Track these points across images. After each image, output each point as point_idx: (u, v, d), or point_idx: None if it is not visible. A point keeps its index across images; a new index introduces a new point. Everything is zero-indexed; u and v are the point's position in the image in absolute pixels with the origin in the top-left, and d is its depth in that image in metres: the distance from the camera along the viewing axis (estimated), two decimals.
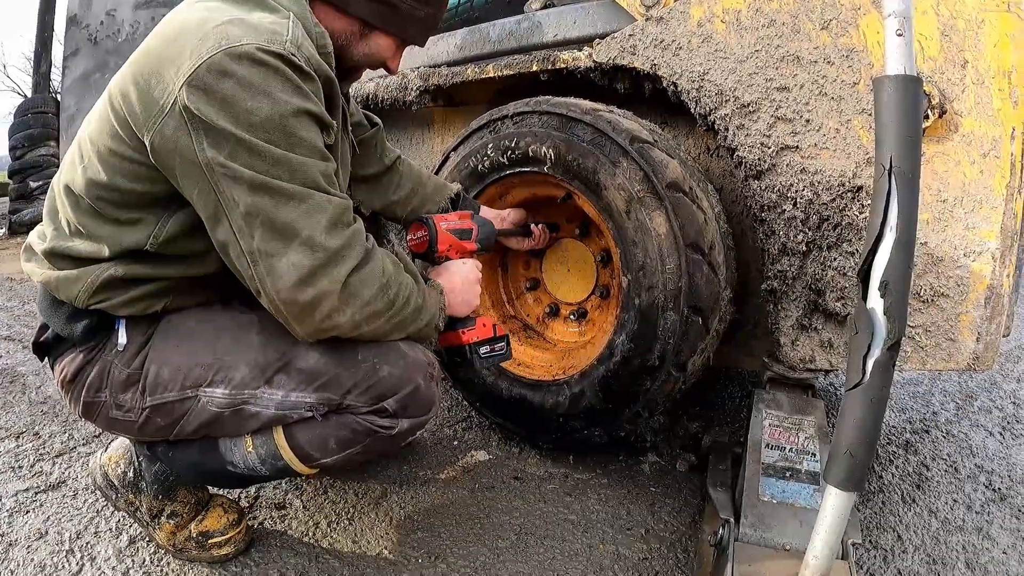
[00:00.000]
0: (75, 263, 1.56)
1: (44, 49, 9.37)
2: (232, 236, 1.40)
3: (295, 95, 1.38)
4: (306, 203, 1.39)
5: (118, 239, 1.51)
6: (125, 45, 4.53)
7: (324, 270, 1.41)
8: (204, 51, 1.32)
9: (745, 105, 1.97)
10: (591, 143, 2.08)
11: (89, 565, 1.81)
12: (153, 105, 1.36)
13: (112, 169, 1.46)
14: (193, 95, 1.31)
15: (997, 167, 1.70)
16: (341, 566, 1.83)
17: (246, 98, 1.32)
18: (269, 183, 1.35)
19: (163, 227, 1.51)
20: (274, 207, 1.37)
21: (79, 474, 2.27)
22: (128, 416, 1.63)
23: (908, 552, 2.01)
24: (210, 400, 1.60)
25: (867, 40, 1.81)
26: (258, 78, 1.33)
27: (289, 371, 1.60)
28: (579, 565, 1.87)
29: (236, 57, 1.32)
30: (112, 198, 1.49)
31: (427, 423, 1.74)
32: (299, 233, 1.38)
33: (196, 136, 1.33)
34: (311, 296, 1.42)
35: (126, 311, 1.58)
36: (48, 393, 3.01)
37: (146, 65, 1.40)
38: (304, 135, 1.40)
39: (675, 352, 2.03)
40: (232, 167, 1.34)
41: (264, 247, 1.39)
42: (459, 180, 2.43)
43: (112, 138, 1.45)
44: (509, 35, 2.57)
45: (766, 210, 1.98)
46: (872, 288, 1.20)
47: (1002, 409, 3.22)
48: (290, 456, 1.66)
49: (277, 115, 1.35)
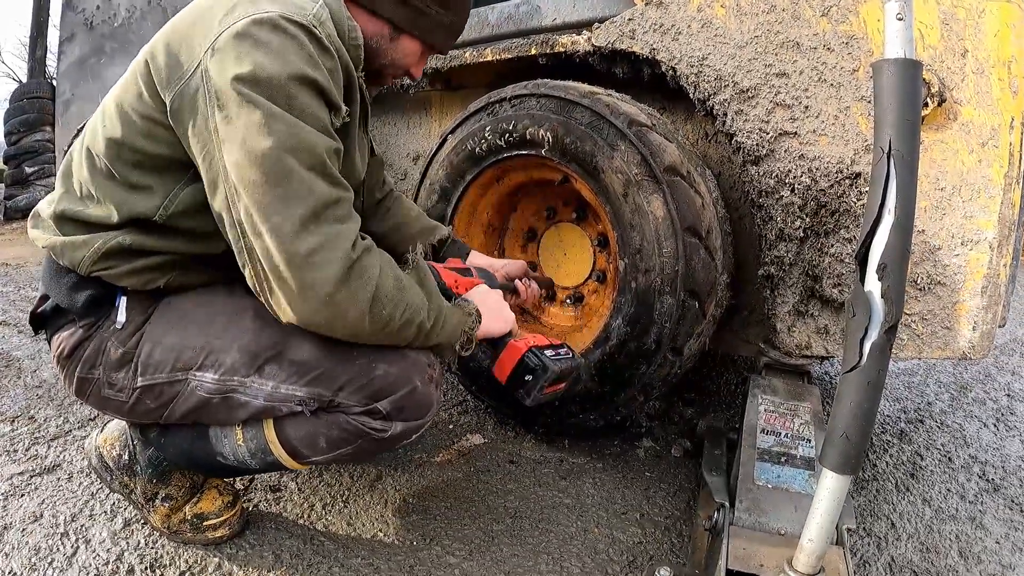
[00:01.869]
0: (83, 228, 1.55)
1: (40, 34, 9.35)
2: (226, 205, 1.38)
3: (306, 63, 1.37)
4: (287, 184, 1.33)
5: (129, 204, 1.50)
6: (121, 30, 4.50)
7: (290, 273, 1.34)
8: (232, 20, 1.36)
9: (744, 91, 1.97)
10: (589, 126, 2.07)
11: (84, 548, 1.80)
12: (178, 67, 1.38)
13: (130, 127, 1.46)
14: (214, 57, 1.34)
15: (996, 156, 1.70)
16: (336, 548, 1.83)
17: (258, 55, 1.33)
18: (256, 149, 1.31)
19: (174, 199, 1.50)
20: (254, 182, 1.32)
21: (74, 457, 2.26)
22: (119, 396, 1.61)
23: (901, 540, 2.02)
24: (199, 384, 1.57)
25: (867, 27, 1.81)
26: (275, 41, 1.35)
27: (281, 361, 1.55)
28: (574, 549, 1.87)
29: (259, 23, 1.35)
30: (127, 158, 1.48)
31: (423, 427, 1.68)
32: (269, 217, 1.33)
33: (209, 98, 1.34)
34: (281, 293, 1.38)
35: (128, 281, 1.56)
36: (43, 377, 3.00)
37: (178, 32, 1.43)
38: (306, 102, 1.37)
39: (671, 336, 2.03)
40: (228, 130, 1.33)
41: (247, 222, 1.35)
42: (456, 163, 2.42)
43: (136, 98, 1.45)
44: (508, 19, 2.56)
45: (764, 196, 1.97)
46: (870, 271, 1.20)
47: (996, 401, 3.23)
48: (280, 452, 1.63)
49: (284, 75, 1.33)
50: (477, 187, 2.47)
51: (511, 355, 1.74)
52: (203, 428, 1.69)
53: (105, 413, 1.71)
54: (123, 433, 1.81)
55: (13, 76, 17.97)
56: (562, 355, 1.77)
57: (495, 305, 1.78)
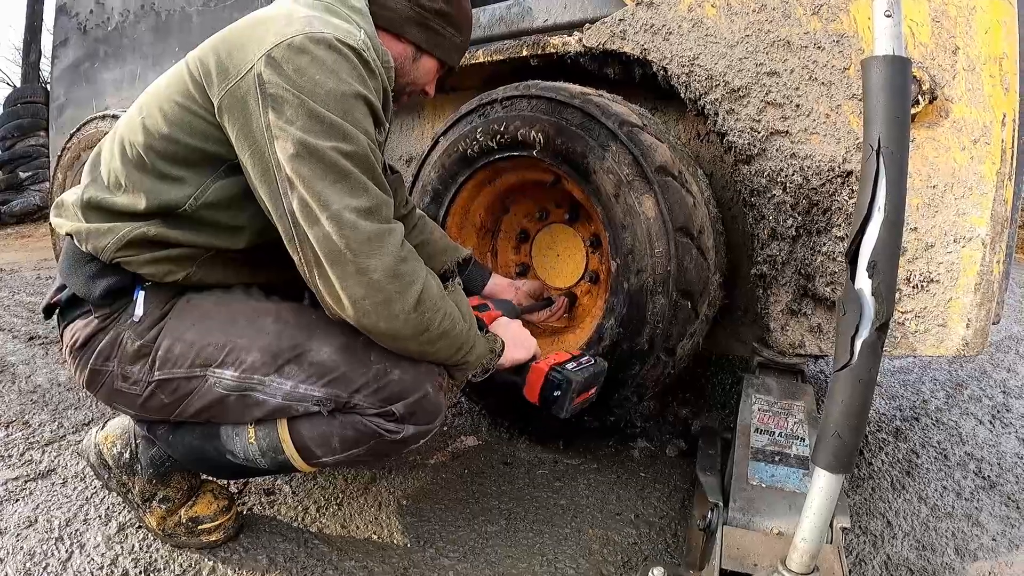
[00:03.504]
0: (109, 216, 1.59)
1: (33, 38, 9.34)
2: (277, 196, 1.45)
3: (359, 82, 1.48)
4: (346, 180, 1.42)
5: (159, 194, 1.55)
6: (115, 34, 4.48)
7: (349, 256, 1.41)
8: (288, 33, 1.44)
9: (735, 90, 1.97)
10: (580, 127, 2.07)
11: (78, 552, 1.80)
12: (230, 70, 1.45)
13: (171, 120, 1.53)
14: (269, 64, 1.41)
15: (987, 153, 1.70)
16: (330, 551, 1.83)
17: (315, 72, 1.42)
18: (318, 148, 1.40)
19: (205, 190, 1.56)
20: (313, 174, 1.40)
21: (68, 462, 2.26)
22: (133, 389, 1.63)
23: (897, 538, 2.02)
24: (218, 381, 1.59)
25: (857, 25, 1.81)
26: (330, 59, 1.44)
27: (301, 362, 1.59)
28: (568, 550, 1.87)
29: (315, 40, 1.44)
30: (163, 149, 1.54)
31: (432, 431, 1.71)
32: (330, 206, 1.40)
33: (263, 100, 1.41)
34: (335, 278, 1.44)
35: (148, 270, 1.59)
36: (38, 382, 2.99)
37: (229, 40, 1.50)
38: (359, 117, 1.47)
39: (664, 337, 2.03)
40: (287, 129, 1.40)
41: (300, 212, 1.42)
42: (448, 165, 2.42)
43: (181, 94, 1.53)
44: (499, 20, 2.56)
45: (756, 195, 1.97)
46: (860, 268, 1.20)
47: (992, 398, 3.23)
48: (291, 451, 1.65)
49: (340, 92, 1.43)
50: (469, 189, 2.47)
51: (536, 377, 1.83)
52: (215, 426, 1.70)
53: (115, 407, 1.72)
54: (125, 431, 1.81)
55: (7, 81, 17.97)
56: (584, 364, 1.86)
57: (517, 335, 1.86)
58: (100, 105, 4.57)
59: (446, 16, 1.77)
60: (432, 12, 1.75)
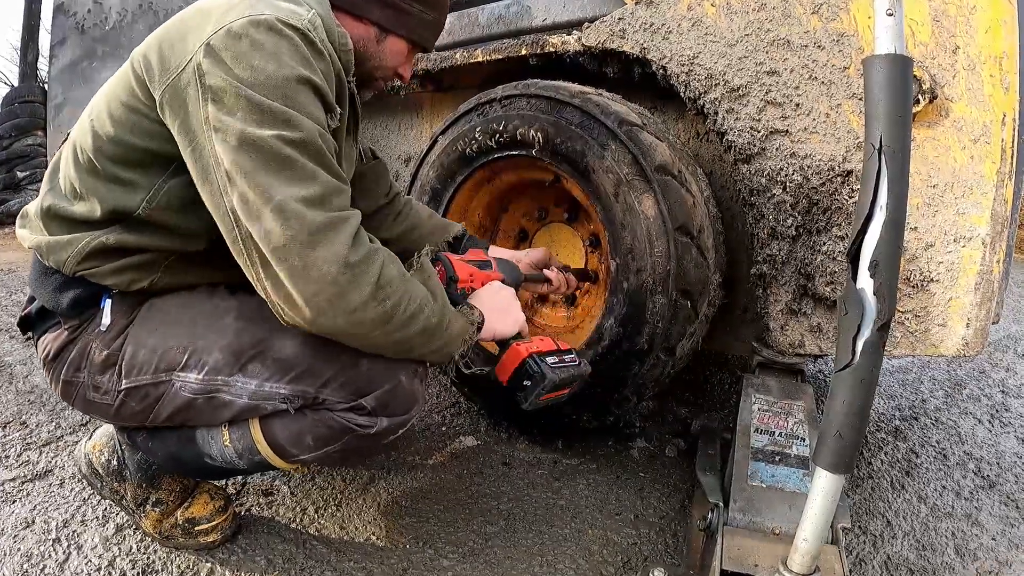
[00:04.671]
0: (68, 226, 1.55)
1: (31, 38, 9.31)
2: (218, 194, 1.36)
3: (302, 64, 1.38)
4: (290, 169, 1.33)
5: (112, 200, 1.50)
6: (113, 33, 4.47)
7: (296, 249, 1.31)
8: (228, 19, 1.36)
9: (735, 89, 1.96)
10: (580, 126, 2.06)
11: (76, 553, 1.79)
12: (171, 62, 1.38)
13: (117, 121, 1.47)
14: (208, 54, 1.34)
15: (988, 153, 1.69)
16: (328, 552, 1.82)
17: (255, 57, 1.34)
18: (259, 137, 1.31)
19: (156, 193, 1.49)
20: (255, 166, 1.31)
21: (66, 463, 2.25)
22: (104, 399, 1.61)
23: (897, 538, 2.01)
24: (183, 385, 1.56)
25: (858, 24, 1.80)
26: (270, 43, 1.36)
27: (264, 359, 1.55)
28: (568, 550, 1.87)
29: (255, 24, 1.36)
30: (112, 152, 1.48)
31: (409, 422, 1.67)
32: (272, 198, 1.30)
33: (203, 92, 1.33)
34: (284, 276, 1.34)
35: (112, 281, 1.55)
36: (35, 383, 2.98)
37: (172, 31, 1.43)
38: (304, 101, 1.38)
39: (664, 336, 2.02)
40: (225, 121, 1.32)
41: (241, 207, 1.33)
42: (447, 164, 2.42)
43: (126, 93, 1.46)
44: (498, 19, 2.55)
45: (756, 194, 1.97)
46: (862, 268, 1.19)
47: (991, 397, 3.23)
48: (267, 451, 1.62)
49: (281, 77, 1.34)
50: (468, 188, 2.46)
51: (512, 359, 1.73)
52: (190, 430, 1.67)
53: (91, 416, 1.71)
54: (111, 438, 1.80)
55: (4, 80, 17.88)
56: (566, 362, 1.75)
57: (505, 305, 1.77)
58: None
59: None
60: None
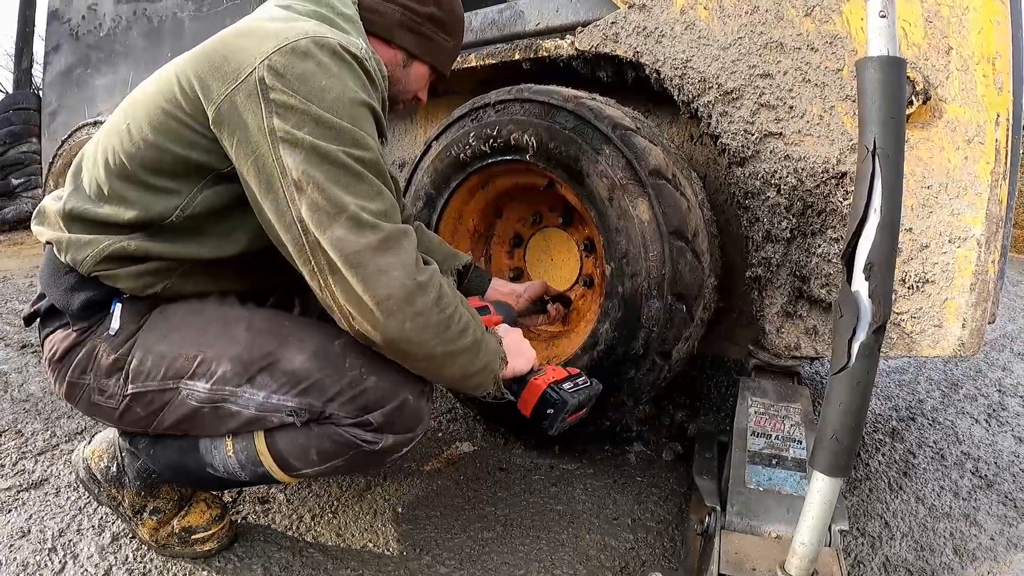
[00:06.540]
0: (90, 228, 1.56)
1: (25, 44, 9.30)
2: (284, 203, 1.39)
3: (363, 90, 1.46)
4: (361, 183, 1.40)
5: (144, 205, 1.52)
6: (107, 40, 4.48)
7: (370, 256, 1.37)
8: (291, 36, 1.41)
9: (728, 92, 1.96)
10: (573, 131, 2.06)
11: (72, 563, 1.78)
12: (226, 77, 1.41)
13: (157, 128, 1.48)
14: (272, 69, 1.38)
15: (982, 153, 1.70)
16: (325, 559, 1.81)
17: (321, 77, 1.39)
18: (330, 151, 1.37)
19: (192, 200, 1.52)
20: (326, 178, 1.37)
21: (61, 472, 2.24)
22: (109, 403, 1.60)
23: (896, 539, 2.01)
24: (190, 393, 1.56)
25: (851, 26, 1.80)
26: (335, 66, 1.42)
27: (273, 372, 1.55)
28: (565, 556, 1.86)
29: (319, 44, 1.42)
30: (147, 158, 1.50)
31: (415, 440, 1.66)
32: (346, 207, 1.36)
33: (266, 106, 1.37)
34: (355, 281, 1.38)
35: (126, 284, 1.56)
36: (31, 391, 2.97)
37: (223, 46, 1.46)
38: (365, 125, 1.45)
39: (659, 340, 2.02)
40: (295, 134, 1.36)
41: (311, 217, 1.37)
42: (441, 169, 2.41)
43: (169, 102, 1.47)
44: (491, 24, 2.56)
45: (750, 197, 1.97)
46: (857, 271, 1.19)
47: (987, 397, 3.23)
48: (270, 463, 1.62)
49: (347, 99, 1.41)
50: (462, 193, 2.46)
51: (533, 392, 1.76)
52: (193, 439, 1.67)
53: (95, 419, 1.71)
54: (111, 445, 1.79)
55: None
56: (580, 385, 1.81)
57: (516, 344, 1.78)
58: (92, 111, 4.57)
59: (437, 21, 1.76)
60: (423, 17, 1.74)
